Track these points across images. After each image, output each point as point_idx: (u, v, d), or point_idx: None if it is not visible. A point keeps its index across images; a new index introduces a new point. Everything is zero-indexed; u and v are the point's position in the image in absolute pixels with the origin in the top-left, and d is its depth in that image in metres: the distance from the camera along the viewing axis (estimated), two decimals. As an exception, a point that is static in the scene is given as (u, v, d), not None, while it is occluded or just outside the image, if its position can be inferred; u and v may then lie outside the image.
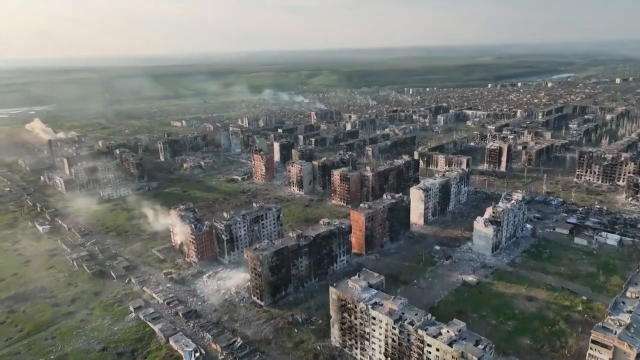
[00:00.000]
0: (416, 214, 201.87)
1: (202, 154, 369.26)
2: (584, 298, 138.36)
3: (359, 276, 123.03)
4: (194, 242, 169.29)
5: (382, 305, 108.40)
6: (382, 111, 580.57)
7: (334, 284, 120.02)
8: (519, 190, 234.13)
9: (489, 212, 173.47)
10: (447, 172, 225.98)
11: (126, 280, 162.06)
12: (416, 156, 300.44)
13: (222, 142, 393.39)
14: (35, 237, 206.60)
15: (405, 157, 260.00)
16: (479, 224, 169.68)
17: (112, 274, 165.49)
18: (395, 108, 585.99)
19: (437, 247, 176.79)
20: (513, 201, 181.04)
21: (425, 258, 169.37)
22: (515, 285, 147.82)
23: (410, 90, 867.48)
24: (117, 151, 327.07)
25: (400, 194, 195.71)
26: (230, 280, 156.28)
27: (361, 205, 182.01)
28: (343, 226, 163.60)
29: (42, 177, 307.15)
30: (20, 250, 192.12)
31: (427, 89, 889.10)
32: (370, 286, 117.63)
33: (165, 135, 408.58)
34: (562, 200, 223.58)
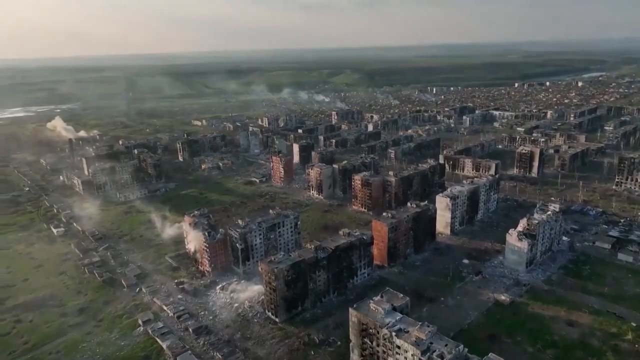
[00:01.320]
0: (442, 223, 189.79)
1: (221, 154, 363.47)
2: (634, 325, 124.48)
3: (382, 297, 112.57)
4: (207, 250, 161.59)
5: (407, 332, 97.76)
6: (404, 111, 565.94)
7: (355, 306, 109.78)
8: (552, 198, 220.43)
9: (522, 224, 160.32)
10: (475, 179, 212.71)
11: (137, 290, 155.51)
12: (441, 160, 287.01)
13: (241, 143, 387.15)
14: (50, 240, 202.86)
15: (431, 161, 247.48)
16: (512, 237, 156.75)
17: (123, 282, 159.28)
18: (418, 108, 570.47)
19: (466, 261, 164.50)
20: (549, 212, 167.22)
21: (453, 273, 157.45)
22: (553, 307, 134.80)
23: (434, 89, 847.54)
24: (136, 151, 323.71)
25: (426, 202, 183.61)
26: (244, 293, 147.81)
27: (384, 214, 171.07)
28: (364, 237, 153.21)
29: (61, 177, 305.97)
30: (34, 254, 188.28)
31: (451, 88, 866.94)
32: (395, 309, 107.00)
33: (185, 135, 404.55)
34: (601, 210, 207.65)
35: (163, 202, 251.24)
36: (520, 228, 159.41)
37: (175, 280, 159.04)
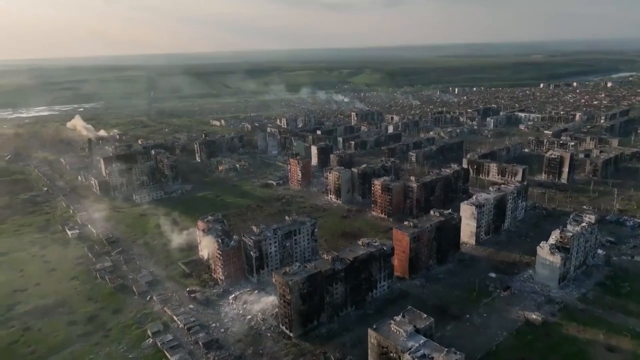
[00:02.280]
0: (467, 233, 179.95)
1: (238, 155, 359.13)
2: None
3: (404, 316, 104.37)
4: (221, 258, 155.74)
5: (432, 358, 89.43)
6: (426, 112, 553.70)
7: (374, 326, 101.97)
8: (584, 207, 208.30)
9: (555, 236, 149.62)
10: (502, 185, 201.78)
11: (147, 298, 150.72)
12: (465, 164, 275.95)
13: (258, 144, 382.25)
14: (64, 242, 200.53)
15: (454, 166, 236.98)
16: (543, 250, 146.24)
17: (134, 289, 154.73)
18: (440, 109, 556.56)
19: (493, 275, 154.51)
20: (584, 224, 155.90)
21: (479, 287, 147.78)
22: (590, 329, 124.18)
23: (456, 89, 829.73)
24: (153, 152, 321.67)
25: (450, 210, 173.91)
26: (258, 305, 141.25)
27: (405, 223, 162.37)
28: (384, 248, 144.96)
29: (79, 177, 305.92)
30: (47, 257, 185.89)
31: (474, 89, 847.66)
32: (417, 331, 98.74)
33: (203, 136, 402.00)
34: (639, 221, 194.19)
35: (178, 205, 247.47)
36: (552, 241, 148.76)
37: (187, 289, 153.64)
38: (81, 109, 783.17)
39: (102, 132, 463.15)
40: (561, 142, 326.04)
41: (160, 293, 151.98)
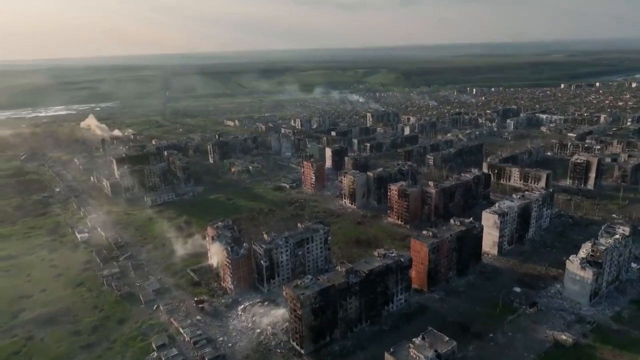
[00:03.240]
0: (489, 243, 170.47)
1: (252, 157, 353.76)
2: None
3: (424, 338, 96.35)
4: (230, 267, 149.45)
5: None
6: (443, 113, 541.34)
7: (391, 350, 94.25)
8: (613, 215, 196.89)
9: (586, 249, 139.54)
10: (526, 192, 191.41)
11: (154, 307, 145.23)
12: (485, 168, 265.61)
13: (272, 145, 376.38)
14: (73, 245, 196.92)
15: (475, 171, 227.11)
16: (573, 264, 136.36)
17: (141, 298, 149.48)
18: (458, 110, 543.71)
19: (518, 289, 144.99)
20: (617, 236, 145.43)
21: (503, 302, 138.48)
22: (628, 353, 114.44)
23: (474, 90, 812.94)
24: (165, 153, 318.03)
25: (471, 218, 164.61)
26: (267, 318, 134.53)
27: (424, 232, 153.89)
28: (402, 259, 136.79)
29: (92, 178, 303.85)
30: (55, 261, 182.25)
31: (492, 89, 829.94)
32: (439, 356, 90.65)
33: (217, 136, 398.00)
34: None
35: (189, 208, 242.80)
36: (582, 254, 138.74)
37: (195, 299, 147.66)
38: (97, 109, 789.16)
39: (116, 132, 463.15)
40: (586, 145, 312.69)
41: (167, 302, 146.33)
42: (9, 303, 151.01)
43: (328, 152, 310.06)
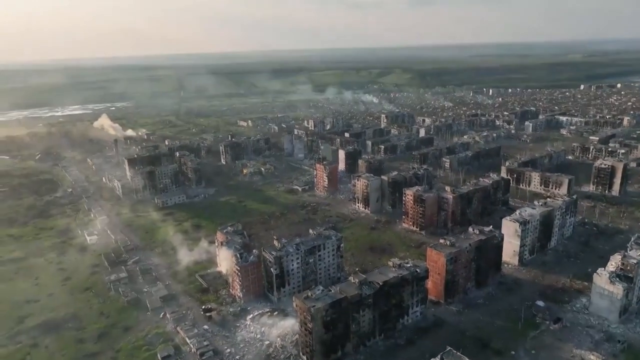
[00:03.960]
0: (509, 252, 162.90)
1: (264, 158, 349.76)
2: None
3: (442, 359, 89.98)
4: (239, 274, 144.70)
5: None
6: (459, 114, 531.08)
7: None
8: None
9: (615, 262, 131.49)
10: (549, 199, 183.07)
11: (161, 315, 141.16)
12: (503, 172, 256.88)
13: (285, 146, 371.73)
14: (82, 248, 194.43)
15: (493, 176, 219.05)
16: (601, 278, 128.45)
17: (148, 304, 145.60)
18: (474, 111, 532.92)
19: (541, 304, 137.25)
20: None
21: (525, 317, 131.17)
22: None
23: (490, 90, 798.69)
24: (177, 154, 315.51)
25: (491, 227, 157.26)
26: (277, 329, 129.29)
27: (441, 241, 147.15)
28: (418, 270, 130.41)
29: (103, 179, 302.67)
30: (64, 264, 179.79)
31: (509, 90, 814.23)
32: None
33: (229, 137, 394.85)
34: None
35: (200, 210, 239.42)
36: (611, 267, 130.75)
37: (203, 307, 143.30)
38: (112, 108, 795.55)
39: (129, 132, 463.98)
40: (610, 149, 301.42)
41: (174, 310, 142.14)
42: (16, 307, 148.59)
43: (341, 154, 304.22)
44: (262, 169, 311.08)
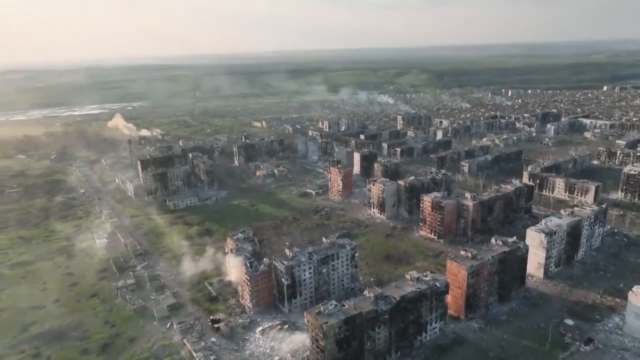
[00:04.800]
0: (533, 264, 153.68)
1: (277, 160, 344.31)
2: None
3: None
4: (249, 284, 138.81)
5: None
6: (477, 116, 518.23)
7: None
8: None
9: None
10: (576, 208, 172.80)
11: (167, 325, 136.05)
12: (525, 178, 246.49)
13: (299, 148, 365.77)
14: (91, 252, 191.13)
15: (516, 182, 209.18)
16: (637, 297, 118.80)
17: (155, 313, 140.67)
18: (494, 113, 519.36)
19: (570, 322, 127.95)
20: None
21: (552, 336, 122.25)
22: None
23: (509, 91, 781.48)
24: (190, 155, 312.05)
25: (515, 237, 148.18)
26: (287, 344, 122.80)
27: (462, 252, 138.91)
28: (437, 284, 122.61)
29: (116, 180, 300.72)
30: (72, 268, 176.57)
31: (529, 91, 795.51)
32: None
33: (243, 138, 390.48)
34: None
35: (211, 214, 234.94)
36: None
37: (211, 317, 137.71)
38: (129, 108, 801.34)
39: (144, 132, 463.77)
40: (638, 154, 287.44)
41: (181, 320, 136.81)
42: (21, 314, 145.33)
43: (356, 156, 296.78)
44: (275, 171, 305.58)
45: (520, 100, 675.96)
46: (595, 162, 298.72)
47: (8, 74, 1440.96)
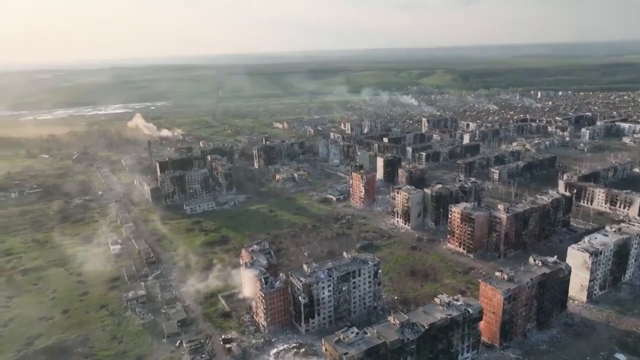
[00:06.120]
0: (575, 286, 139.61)
1: (298, 163, 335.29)
2: None
3: None
4: (263, 301, 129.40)
5: None
6: (506, 119, 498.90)
7: None
8: None
9: None
10: (622, 224, 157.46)
11: (176, 343, 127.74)
12: (561, 187, 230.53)
13: (320, 151, 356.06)
14: (104, 258, 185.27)
15: (553, 192, 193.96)
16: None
17: (164, 330, 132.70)
18: (523, 116, 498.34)
19: (621, 357, 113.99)
20: None
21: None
22: None
23: (539, 93, 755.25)
24: (209, 157, 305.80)
25: (555, 257, 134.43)
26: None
27: (497, 273, 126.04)
28: (470, 311, 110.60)
29: (135, 182, 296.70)
30: (84, 276, 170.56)
31: (559, 93, 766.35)
32: None
33: (263, 140, 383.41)
34: None
35: (229, 219, 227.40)
36: None
37: (222, 336, 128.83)
38: (152, 107, 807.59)
39: (164, 132, 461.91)
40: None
41: (191, 339, 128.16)
42: (28, 325, 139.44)
43: (380, 161, 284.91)
44: (295, 175, 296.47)
45: (550, 103, 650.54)
46: (637, 170, 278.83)
47: (38, 74, 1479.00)
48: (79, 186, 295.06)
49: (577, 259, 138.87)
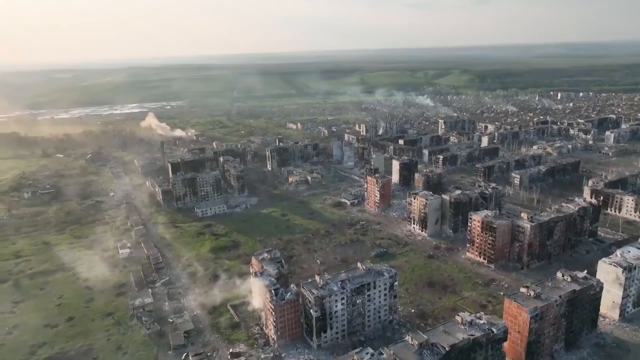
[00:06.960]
0: (607, 302, 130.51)
1: (311, 165, 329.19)
2: None
3: None
4: (273, 313, 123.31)
5: None
6: (525, 121, 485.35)
7: None
8: None
9: None
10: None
11: (182, 356, 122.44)
12: (586, 193, 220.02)
13: (334, 153, 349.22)
14: (112, 263, 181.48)
15: (579, 200, 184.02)
16: None
17: (170, 341, 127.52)
18: (544, 118, 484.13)
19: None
20: None
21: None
22: None
23: (559, 94, 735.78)
24: (221, 159, 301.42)
25: (585, 272, 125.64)
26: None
27: (522, 290, 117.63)
28: (494, 330, 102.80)
29: (147, 183, 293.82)
30: (91, 282, 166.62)
31: (580, 94, 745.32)
32: None
33: (277, 141, 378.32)
34: None
35: (240, 223, 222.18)
36: None
37: (230, 350, 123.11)
38: (168, 107, 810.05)
39: (177, 132, 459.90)
40: None
41: (198, 352, 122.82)
42: (32, 333, 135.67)
43: (395, 165, 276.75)
44: (309, 178, 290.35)
45: (571, 104, 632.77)
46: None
47: (57, 73, 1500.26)
48: (92, 186, 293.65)
49: (608, 273, 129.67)
